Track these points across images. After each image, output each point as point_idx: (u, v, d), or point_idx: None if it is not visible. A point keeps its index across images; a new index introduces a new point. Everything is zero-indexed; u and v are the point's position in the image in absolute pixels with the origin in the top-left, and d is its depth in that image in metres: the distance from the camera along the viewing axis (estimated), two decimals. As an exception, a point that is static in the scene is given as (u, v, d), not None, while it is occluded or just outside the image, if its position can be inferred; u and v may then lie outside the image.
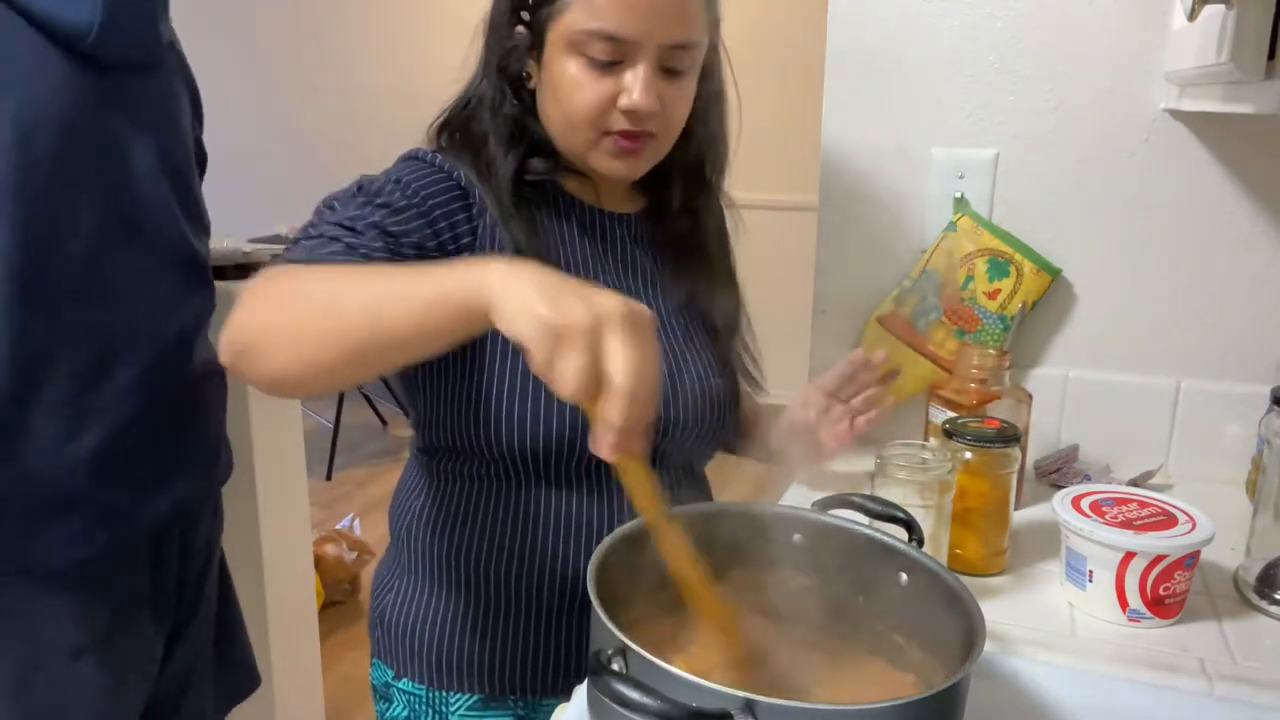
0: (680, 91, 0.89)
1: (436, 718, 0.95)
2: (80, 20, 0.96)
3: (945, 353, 1.22)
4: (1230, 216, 1.14)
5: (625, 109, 0.85)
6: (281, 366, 0.70)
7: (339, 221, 0.82)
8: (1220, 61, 0.78)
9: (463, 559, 0.93)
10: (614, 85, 0.85)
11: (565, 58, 0.85)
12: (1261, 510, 0.92)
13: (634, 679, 0.55)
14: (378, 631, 1.00)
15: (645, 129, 0.87)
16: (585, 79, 0.85)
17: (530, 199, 0.92)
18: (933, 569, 0.71)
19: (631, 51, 0.84)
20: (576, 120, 0.87)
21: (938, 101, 1.20)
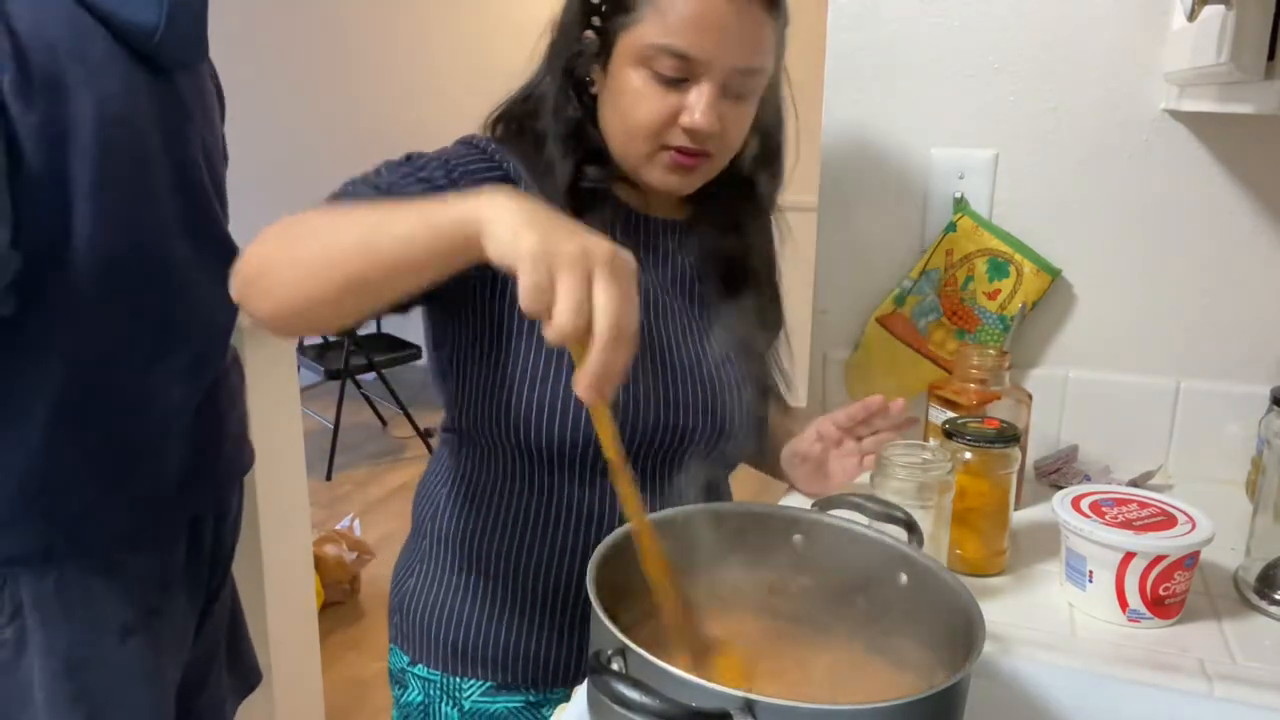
0: (741, 114, 0.89)
1: (450, 703, 0.97)
2: (147, 21, 1.00)
3: (945, 353, 1.22)
4: (1230, 217, 1.14)
5: (687, 127, 0.85)
6: (284, 298, 0.72)
7: (376, 184, 0.83)
8: (1220, 62, 0.78)
9: (483, 549, 0.94)
10: (677, 102, 0.85)
11: (632, 69, 0.86)
12: (1261, 510, 0.92)
13: (633, 679, 0.55)
14: (396, 617, 1.02)
15: (703, 148, 0.88)
16: (649, 92, 0.85)
17: (581, 203, 0.92)
18: (933, 569, 0.71)
19: (699, 71, 0.84)
20: (636, 132, 0.87)
21: (937, 102, 1.20)
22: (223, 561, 1.26)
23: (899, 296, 1.24)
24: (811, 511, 0.80)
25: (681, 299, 0.97)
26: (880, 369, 1.25)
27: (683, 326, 0.95)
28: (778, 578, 0.79)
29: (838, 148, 1.26)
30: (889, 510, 0.79)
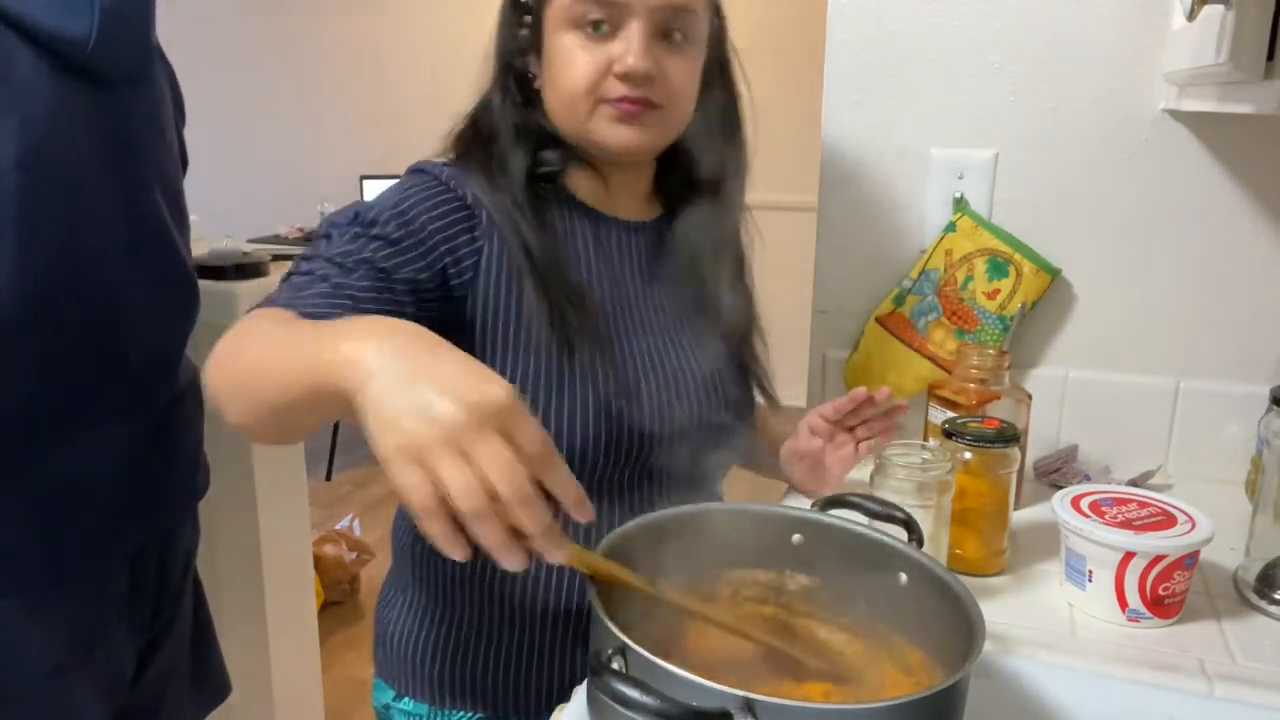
0: (681, 61, 0.88)
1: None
2: (77, 31, 0.93)
3: (945, 353, 1.22)
4: (1230, 216, 1.14)
5: (621, 73, 0.84)
6: (237, 416, 0.71)
7: (331, 257, 0.80)
8: (1219, 62, 0.78)
9: (463, 576, 0.91)
10: (607, 53, 0.85)
11: (561, 35, 0.86)
12: (1261, 510, 0.92)
13: (634, 678, 0.55)
14: (380, 650, 0.99)
15: (645, 95, 0.86)
16: (580, 50, 0.85)
17: (543, 198, 0.91)
18: (932, 569, 0.71)
19: (623, 15, 0.84)
20: (574, 91, 0.86)
21: (937, 101, 1.20)
22: (171, 595, 1.19)
23: (898, 296, 1.24)
24: (811, 511, 0.80)
25: (650, 299, 0.95)
26: (880, 369, 1.25)
27: (643, 328, 0.93)
28: (778, 577, 0.79)
29: (837, 148, 1.26)
30: (889, 510, 0.79)
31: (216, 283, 1.66)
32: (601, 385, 0.87)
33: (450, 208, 0.85)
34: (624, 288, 0.94)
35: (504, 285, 0.86)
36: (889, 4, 1.20)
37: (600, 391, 0.87)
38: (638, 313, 0.94)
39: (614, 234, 0.95)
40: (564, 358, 0.86)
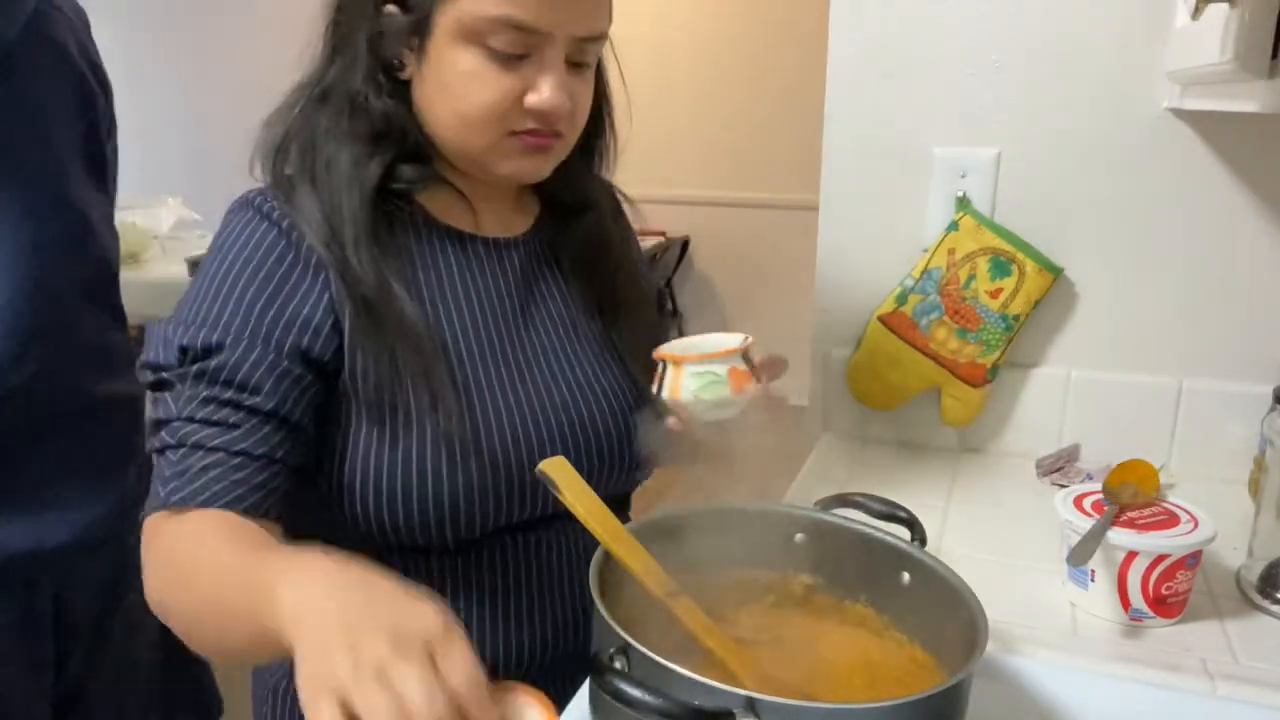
0: (586, 86, 0.81)
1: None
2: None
3: (947, 351, 1.22)
4: (1233, 215, 1.13)
5: (534, 108, 0.76)
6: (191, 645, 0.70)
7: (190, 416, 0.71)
8: (1224, 60, 0.78)
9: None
10: (520, 81, 0.75)
11: (459, 48, 0.75)
12: (1264, 510, 0.92)
13: (636, 677, 0.55)
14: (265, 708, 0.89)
15: (554, 129, 0.79)
16: (486, 72, 0.75)
17: (393, 219, 0.80)
18: (935, 568, 0.71)
19: (541, 44, 0.75)
20: (474, 120, 0.76)
21: (939, 100, 1.20)
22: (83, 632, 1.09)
23: (901, 295, 1.24)
24: (813, 510, 0.80)
25: (539, 318, 0.87)
26: (882, 367, 1.25)
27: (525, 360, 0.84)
28: (779, 577, 0.79)
29: (839, 147, 1.26)
30: (891, 509, 0.79)
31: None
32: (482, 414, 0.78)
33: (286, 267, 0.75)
34: (499, 315, 0.84)
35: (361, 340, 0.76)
36: (891, 3, 1.20)
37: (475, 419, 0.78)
38: (518, 341, 0.85)
39: (481, 255, 0.85)
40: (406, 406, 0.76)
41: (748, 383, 0.77)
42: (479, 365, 0.81)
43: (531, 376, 0.84)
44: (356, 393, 0.76)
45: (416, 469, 0.76)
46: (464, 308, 0.82)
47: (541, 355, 0.86)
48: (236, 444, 0.71)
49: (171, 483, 0.70)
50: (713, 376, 0.76)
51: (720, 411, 0.78)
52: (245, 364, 0.72)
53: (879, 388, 1.26)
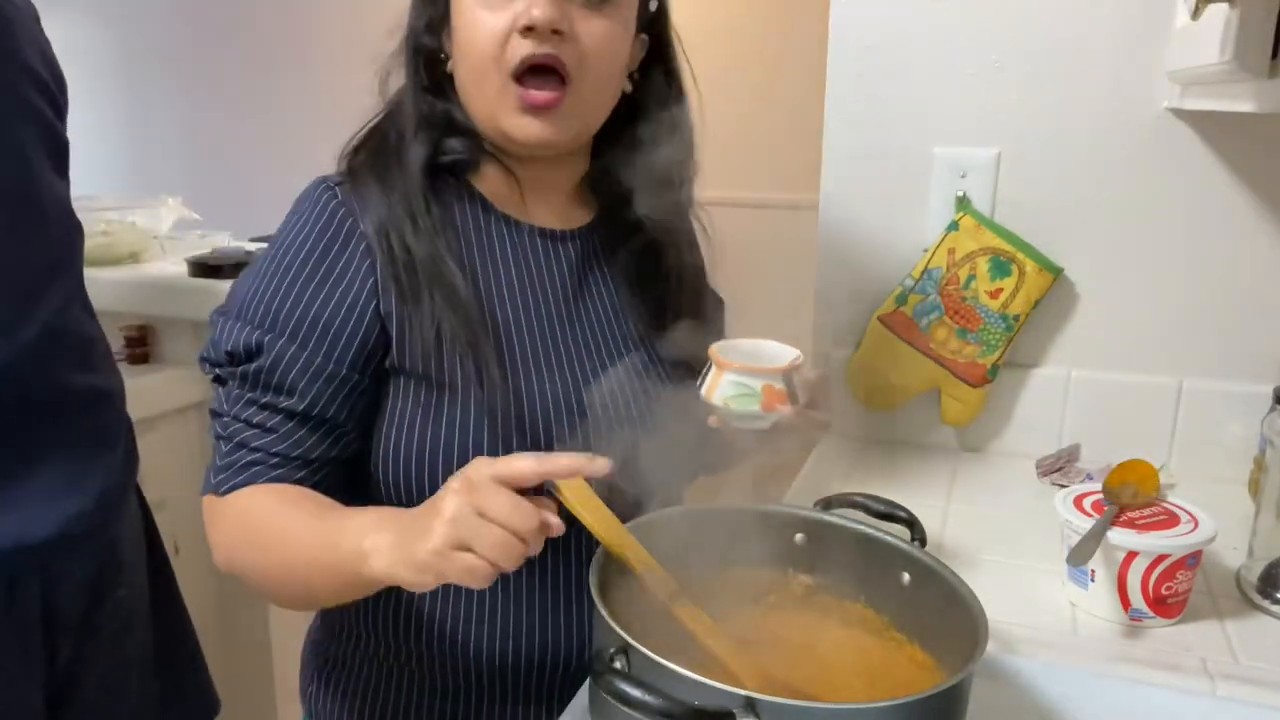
0: (599, 22, 0.79)
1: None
2: None
3: (947, 351, 1.22)
4: (1233, 215, 1.13)
5: (525, 26, 0.76)
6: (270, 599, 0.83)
7: (237, 416, 0.79)
8: (1223, 60, 0.78)
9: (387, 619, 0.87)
10: (514, 9, 0.77)
11: (467, 10, 0.79)
12: (1264, 510, 0.92)
13: (636, 677, 0.55)
14: (312, 687, 0.94)
15: (554, 57, 0.77)
16: (486, 13, 0.78)
17: (444, 195, 0.84)
18: (935, 569, 0.71)
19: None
20: (482, 62, 0.78)
21: (939, 100, 1.20)
22: (72, 628, 1.09)
23: (901, 295, 1.24)
24: (813, 511, 0.80)
25: (581, 320, 0.88)
26: (882, 368, 1.25)
27: (567, 357, 0.86)
28: (779, 577, 0.79)
29: (839, 146, 1.25)
30: (891, 510, 0.79)
31: (217, 282, 1.66)
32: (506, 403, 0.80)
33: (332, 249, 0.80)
34: (549, 302, 0.86)
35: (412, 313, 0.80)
36: (890, 3, 1.20)
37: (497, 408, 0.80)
38: (565, 329, 0.87)
39: (535, 245, 0.87)
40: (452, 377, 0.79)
41: (780, 403, 0.78)
42: (526, 346, 0.84)
43: (575, 366, 0.86)
44: (404, 367, 0.80)
45: (459, 440, 0.80)
46: (515, 290, 0.85)
47: (586, 347, 0.88)
48: (274, 446, 0.78)
49: (222, 473, 0.79)
50: (747, 389, 0.77)
51: (748, 423, 0.79)
52: (281, 365, 0.77)
53: (879, 388, 1.26)
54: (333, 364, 0.78)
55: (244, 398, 0.79)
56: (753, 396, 0.77)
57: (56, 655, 1.10)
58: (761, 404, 0.77)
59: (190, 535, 1.74)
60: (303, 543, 0.74)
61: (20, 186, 1.04)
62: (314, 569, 0.73)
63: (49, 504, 1.05)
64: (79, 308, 1.13)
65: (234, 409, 0.79)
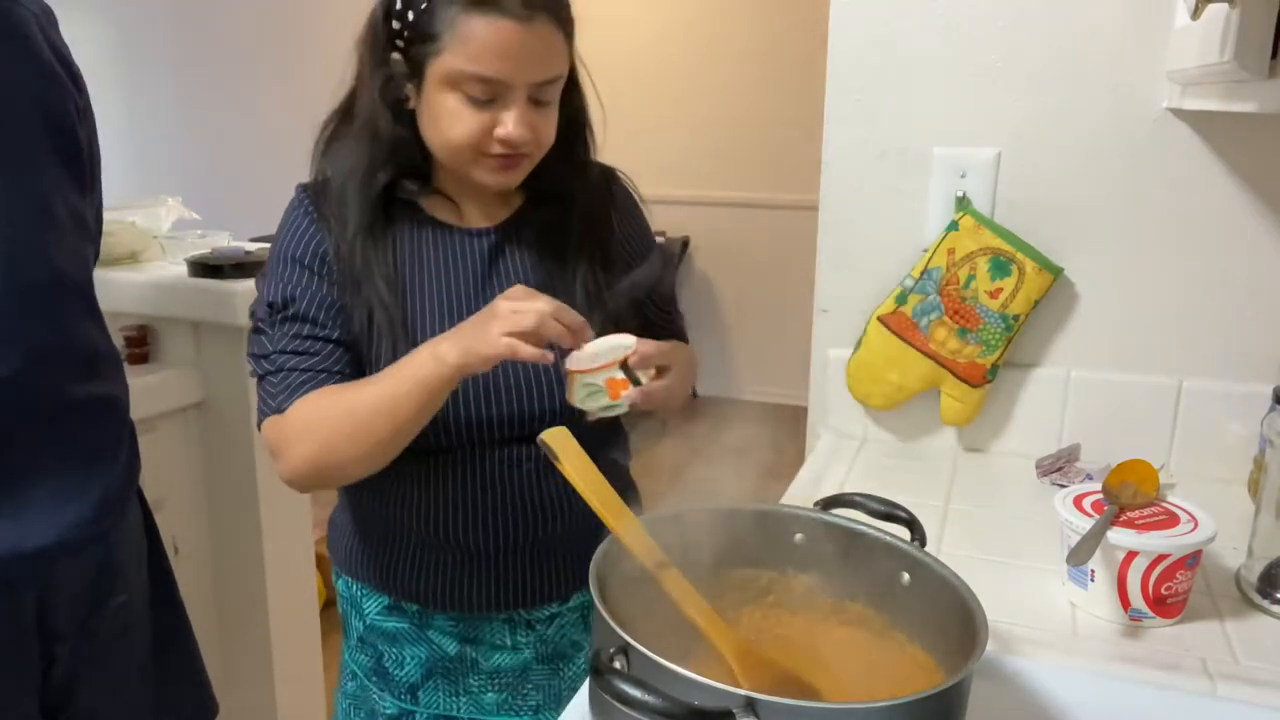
0: (549, 115, 0.98)
1: (357, 615, 1.15)
2: None
3: (947, 351, 1.22)
4: (1233, 215, 1.13)
5: (501, 139, 0.94)
6: (358, 474, 0.98)
7: (283, 349, 0.98)
8: (1223, 60, 0.78)
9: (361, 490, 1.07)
10: (490, 118, 0.94)
11: (444, 93, 0.94)
12: (1263, 510, 0.92)
13: (636, 677, 0.55)
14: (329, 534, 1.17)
15: (521, 153, 0.97)
16: (463, 112, 0.94)
17: (392, 216, 1.02)
18: (935, 568, 0.71)
19: (504, 90, 0.93)
20: (456, 147, 0.96)
21: (939, 100, 1.20)
22: (69, 635, 1.10)
23: (901, 295, 1.24)
24: (813, 511, 0.80)
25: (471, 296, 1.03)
26: (882, 367, 1.25)
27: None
28: (779, 577, 0.79)
29: (839, 147, 1.26)
30: (891, 509, 0.79)
31: (217, 282, 1.66)
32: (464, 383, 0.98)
33: (309, 239, 1.00)
34: (462, 289, 1.03)
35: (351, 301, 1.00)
36: (890, 4, 1.20)
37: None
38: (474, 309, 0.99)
39: (456, 242, 1.04)
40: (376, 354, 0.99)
41: (624, 389, 0.93)
42: (438, 327, 0.99)
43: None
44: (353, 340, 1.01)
45: None
46: (434, 284, 1.03)
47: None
48: (319, 365, 0.97)
49: (279, 395, 0.97)
50: (594, 388, 0.92)
51: (607, 412, 0.94)
52: (313, 306, 0.98)
53: (879, 388, 1.26)
54: (338, 299, 0.99)
55: (289, 334, 0.98)
56: (600, 392, 0.92)
57: (53, 663, 1.09)
58: (608, 396, 0.93)
59: (190, 535, 1.74)
60: (379, 388, 0.92)
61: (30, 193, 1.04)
62: (397, 399, 0.91)
63: (47, 512, 1.05)
64: (88, 318, 1.13)
65: (278, 345, 0.98)
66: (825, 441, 1.30)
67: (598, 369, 0.92)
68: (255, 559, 1.76)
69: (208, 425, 1.75)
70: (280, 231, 1.04)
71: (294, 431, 0.95)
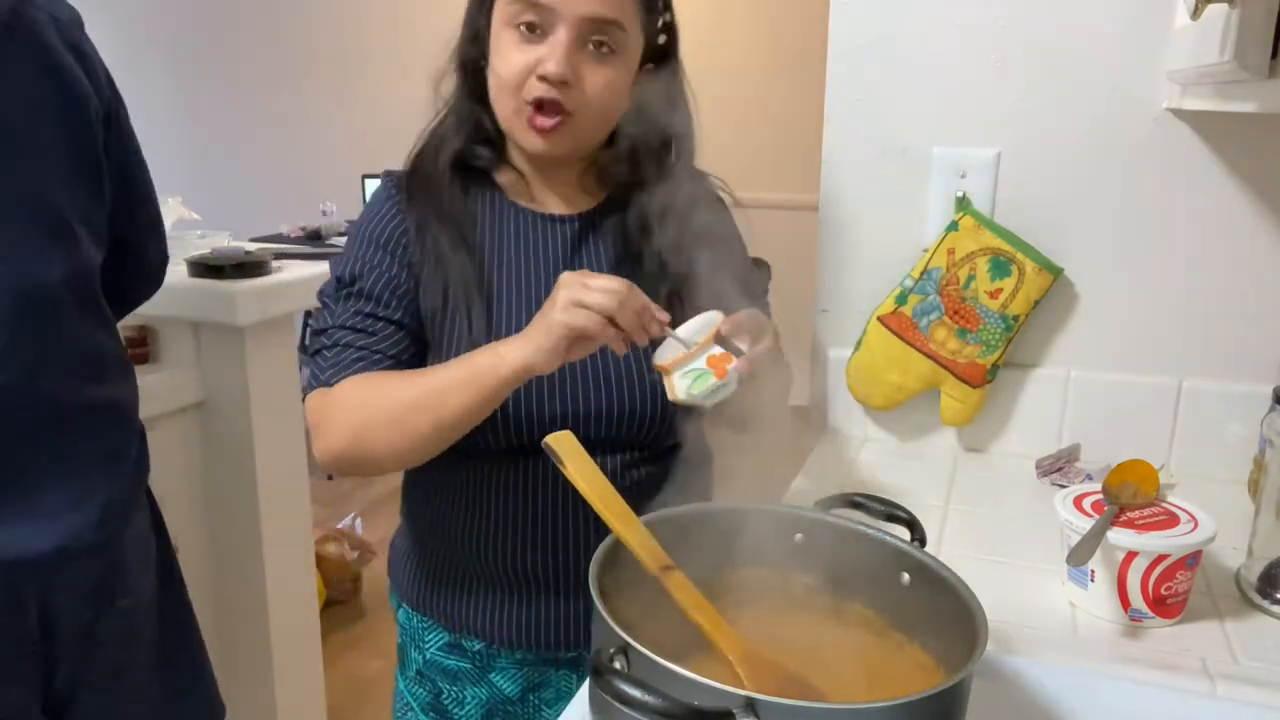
0: (603, 72, 0.94)
1: (416, 649, 1.09)
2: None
3: (946, 352, 1.22)
4: (1232, 215, 1.13)
5: (540, 74, 0.92)
6: (393, 466, 0.95)
7: (343, 324, 0.96)
8: (1223, 60, 0.78)
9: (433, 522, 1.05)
10: (535, 56, 0.92)
11: (501, 31, 0.94)
12: (1263, 510, 0.92)
13: (636, 678, 0.55)
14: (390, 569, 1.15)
15: (559, 100, 0.93)
16: (513, 46, 0.93)
17: (470, 188, 1.02)
18: (935, 569, 0.71)
19: (552, 20, 0.91)
20: (503, 85, 0.94)
21: (939, 100, 1.20)
22: (73, 640, 1.10)
23: (900, 295, 1.24)
24: (813, 511, 0.80)
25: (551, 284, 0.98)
26: (882, 368, 1.25)
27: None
28: (779, 577, 0.79)
29: (839, 147, 1.26)
30: (891, 510, 0.79)
31: (217, 282, 1.66)
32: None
33: (391, 221, 0.99)
34: (543, 274, 1.00)
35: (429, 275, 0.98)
36: (890, 3, 1.20)
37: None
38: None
39: (536, 227, 1.02)
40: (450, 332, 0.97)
41: (729, 363, 0.85)
42: (515, 311, 0.99)
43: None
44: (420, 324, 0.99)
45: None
46: (514, 266, 1.01)
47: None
48: (375, 345, 0.95)
49: (329, 370, 0.95)
50: (697, 372, 0.84)
51: (718, 396, 0.85)
52: (378, 286, 0.97)
53: (879, 388, 1.26)
54: (406, 283, 0.98)
55: (350, 310, 0.97)
56: (705, 374, 0.84)
57: (56, 669, 1.09)
58: (715, 376, 0.84)
59: (190, 535, 1.74)
60: (431, 380, 0.90)
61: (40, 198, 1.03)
62: (448, 391, 0.88)
63: (53, 517, 1.05)
64: (96, 323, 1.12)
65: (339, 320, 0.97)
66: (825, 441, 1.31)
67: (693, 352, 0.85)
68: (255, 559, 1.76)
69: (208, 425, 1.75)
70: (363, 215, 1.03)
71: (336, 411, 0.93)
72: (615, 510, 0.72)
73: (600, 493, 0.73)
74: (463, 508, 1.02)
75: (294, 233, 4.11)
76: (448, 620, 1.05)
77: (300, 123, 4.86)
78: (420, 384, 0.91)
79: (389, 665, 1.05)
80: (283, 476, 1.80)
